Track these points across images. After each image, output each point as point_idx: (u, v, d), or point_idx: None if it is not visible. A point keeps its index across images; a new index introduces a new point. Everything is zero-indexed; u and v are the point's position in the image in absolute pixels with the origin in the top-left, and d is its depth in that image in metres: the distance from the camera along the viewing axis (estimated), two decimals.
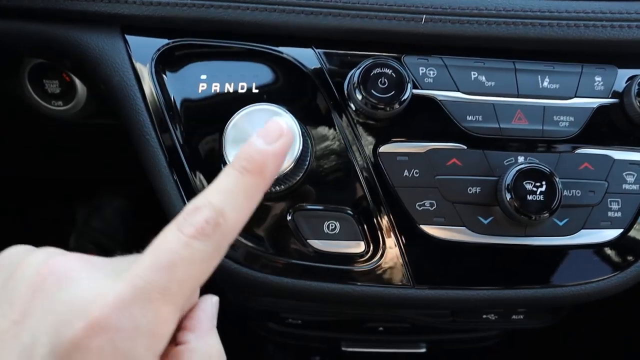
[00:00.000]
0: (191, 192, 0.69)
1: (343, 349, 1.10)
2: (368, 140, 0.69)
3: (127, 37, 0.73)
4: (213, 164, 0.69)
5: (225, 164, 0.65)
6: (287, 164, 0.63)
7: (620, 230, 0.70)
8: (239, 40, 0.72)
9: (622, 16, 0.70)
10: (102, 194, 1.62)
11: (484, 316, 0.91)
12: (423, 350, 1.10)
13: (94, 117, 0.95)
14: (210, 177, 0.69)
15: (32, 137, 1.24)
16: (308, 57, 0.71)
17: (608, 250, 0.71)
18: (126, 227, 1.61)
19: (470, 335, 1.11)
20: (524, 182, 0.65)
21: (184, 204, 0.69)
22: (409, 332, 1.05)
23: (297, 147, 0.64)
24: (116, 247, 1.65)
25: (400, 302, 0.69)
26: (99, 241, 1.58)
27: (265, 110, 0.64)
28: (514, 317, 0.93)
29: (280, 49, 0.71)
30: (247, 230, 0.68)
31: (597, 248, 0.70)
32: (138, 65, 0.72)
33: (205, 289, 0.45)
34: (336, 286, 0.68)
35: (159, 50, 0.72)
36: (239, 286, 0.70)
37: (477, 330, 1.09)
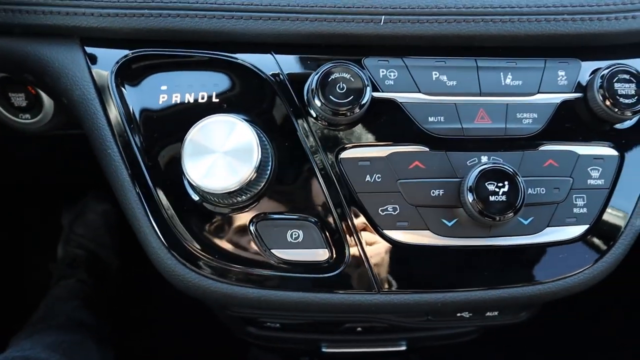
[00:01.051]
0: (154, 205, 0.69)
1: (323, 350, 1.10)
2: (329, 147, 0.69)
3: (87, 49, 0.72)
4: (175, 176, 0.68)
5: (186, 177, 0.64)
6: (249, 173, 0.63)
7: (586, 227, 0.70)
8: (198, 49, 0.71)
9: (584, 9, 0.69)
10: (86, 199, 1.62)
11: (458, 314, 0.91)
12: (403, 348, 1.10)
13: (64, 129, 0.94)
14: (173, 190, 0.69)
15: (7, 147, 1.23)
16: (267, 63, 0.70)
17: (574, 247, 0.70)
18: (111, 231, 1.60)
19: (448, 331, 1.11)
20: (486, 183, 0.64)
21: (148, 217, 0.69)
22: (387, 331, 1.05)
23: (255, 157, 0.63)
24: (105, 251, 1.64)
25: (366, 308, 0.69)
26: (87, 246, 1.58)
27: (221, 122, 0.64)
28: (488, 314, 0.93)
29: (238, 55, 0.70)
30: (210, 242, 0.68)
31: (564, 245, 0.70)
32: (98, 78, 0.71)
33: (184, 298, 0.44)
34: (301, 295, 0.68)
35: (118, 62, 0.71)
36: (206, 298, 0.70)
37: (454, 327, 1.10)
